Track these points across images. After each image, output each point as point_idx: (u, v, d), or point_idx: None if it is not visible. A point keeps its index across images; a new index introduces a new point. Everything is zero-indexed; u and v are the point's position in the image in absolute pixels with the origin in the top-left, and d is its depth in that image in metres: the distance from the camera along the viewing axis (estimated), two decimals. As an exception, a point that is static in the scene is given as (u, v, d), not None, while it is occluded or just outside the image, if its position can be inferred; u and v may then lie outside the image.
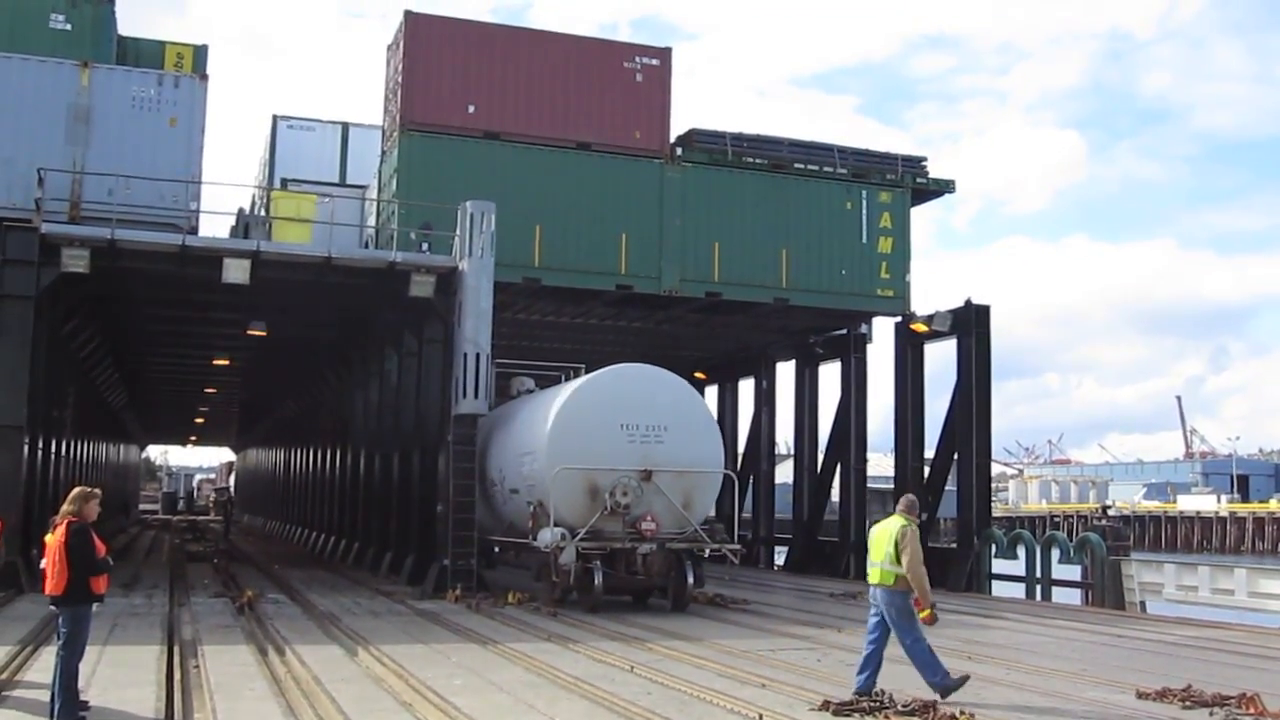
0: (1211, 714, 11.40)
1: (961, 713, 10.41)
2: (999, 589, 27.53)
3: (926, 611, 11.91)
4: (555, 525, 19.78)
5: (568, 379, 24.29)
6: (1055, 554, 26.39)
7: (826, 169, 29.75)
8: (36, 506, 23.98)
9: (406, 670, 13.12)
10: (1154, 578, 23.43)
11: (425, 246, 24.87)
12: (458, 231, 23.59)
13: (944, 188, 31.02)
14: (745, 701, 11.49)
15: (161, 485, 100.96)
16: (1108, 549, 24.90)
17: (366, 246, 27.52)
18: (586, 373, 23.52)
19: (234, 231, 24.87)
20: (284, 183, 30.17)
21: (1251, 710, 11.34)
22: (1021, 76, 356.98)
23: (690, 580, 20.26)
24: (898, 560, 11.94)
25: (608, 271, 27.60)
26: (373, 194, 29.00)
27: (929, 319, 29.20)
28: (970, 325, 28.37)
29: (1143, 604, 23.30)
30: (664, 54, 28.59)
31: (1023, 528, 37.46)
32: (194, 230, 23.07)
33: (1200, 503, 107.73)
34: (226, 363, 38.73)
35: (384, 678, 12.91)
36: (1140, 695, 12.30)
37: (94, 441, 44.52)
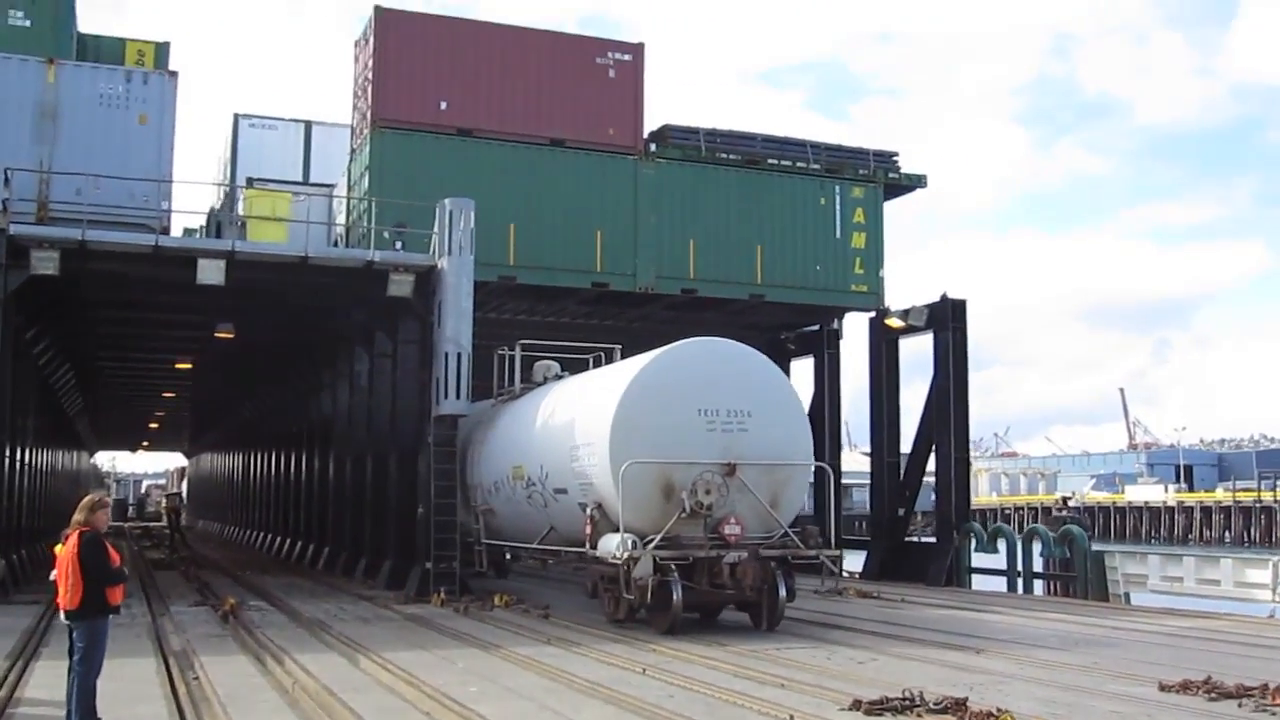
0: (1240, 704, 11.34)
1: (1000, 710, 10.24)
2: (975, 582, 27.62)
3: None
4: (620, 531, 16.85)
5: (599, 364, 22.53)
6: (1036, 547, 26.43)
7: (800, 164, 29.68)
8: (3, 517, 23.41)
9: (416, 678, 12.78)
10: (1138, 569, 23.56)
11: (399, 245, 24.51)
12: (435, 229, 23.24)
13: (916, 183, 31.06)
14: (771, 703, 11.28)
15: (110, 492, 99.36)
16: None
17: (335, 245, 27.09)
18: (623, 355, 21.95)
19: (204, 232, 24.37)
20: (249, 181, 29.58)
21: (1278, 701, 11.28)
22: (968, 72, 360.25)
23: (782, 593, 17.26)
24: None
25: (583, 269, 27.36)
26: (341, 192, 28.54)
27: (905, 314, 29.20)
28: (947, 320, 28.38)
29: (1127, 595, 23.38)
30: (636, 50, 28.37)
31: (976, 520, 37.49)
32: (166, 230, 22.63)
33: (1147, 493, 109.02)
34: (189, 366, 38.07)
35: (394, 686, 12.58)
36: (1163, 688, 12.22)
37: (51, 449, 43.62)
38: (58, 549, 9.96)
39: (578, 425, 18.72)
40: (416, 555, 23.40)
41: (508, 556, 23.47)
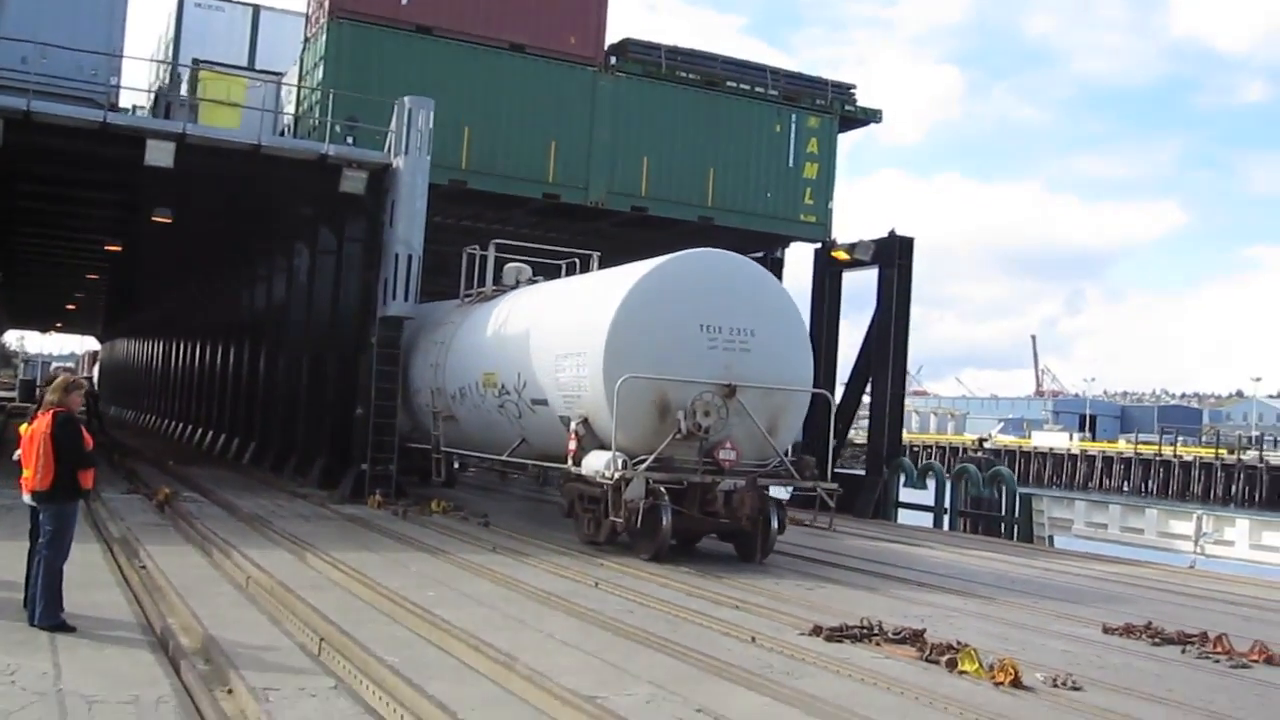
0: (1184, 650, 11.63)
1: (959, 643, 10.41)
2: (900, 516, 28.08)
3: None
4: (608, 449, 15.70)
5: (572, 271, 21.58)
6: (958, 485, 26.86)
7: (758, 89, 29.47)
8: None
9: (370, 579, 12.70)
10: (1064, 514, 24.04)
11: (350, 140, 23.97)
12: (393, 127, 22.75)
13: (871, 117, 31.01)
14: (731, 624, 11.40)
15: (17, 372, 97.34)
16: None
17: (283, 136, 26.41)
18: (602, 264, 21.09)
19: (153, 112, 23.63)
20: (195, 63, 28.68)
21: (1219, 649, 11.60)
22: (910, 8, 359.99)
23: (774, 525, 16.47)
24: None
25: (535, 179, 27.01)
26: (291, 81, 27.79)
27: (851, 247, 29.30)
28: (894, 256, 28.54)
29: (1051, 538, 23.89)
30: (603, -42, 27.83)
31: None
32: (114, 107, 21.85)
33: (1053, 440, 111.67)
34: (119, 249, 37.06)
35: (349, 586, 12.51)
36: (1106, 630, 12.50)
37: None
38: (23, 428, 9.68)
39: (566, 333, 17.41)
40: (352, 456, 23.18)
41: (456, 465, 22.97)
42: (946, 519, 26.37)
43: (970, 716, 8.27)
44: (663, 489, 15.52)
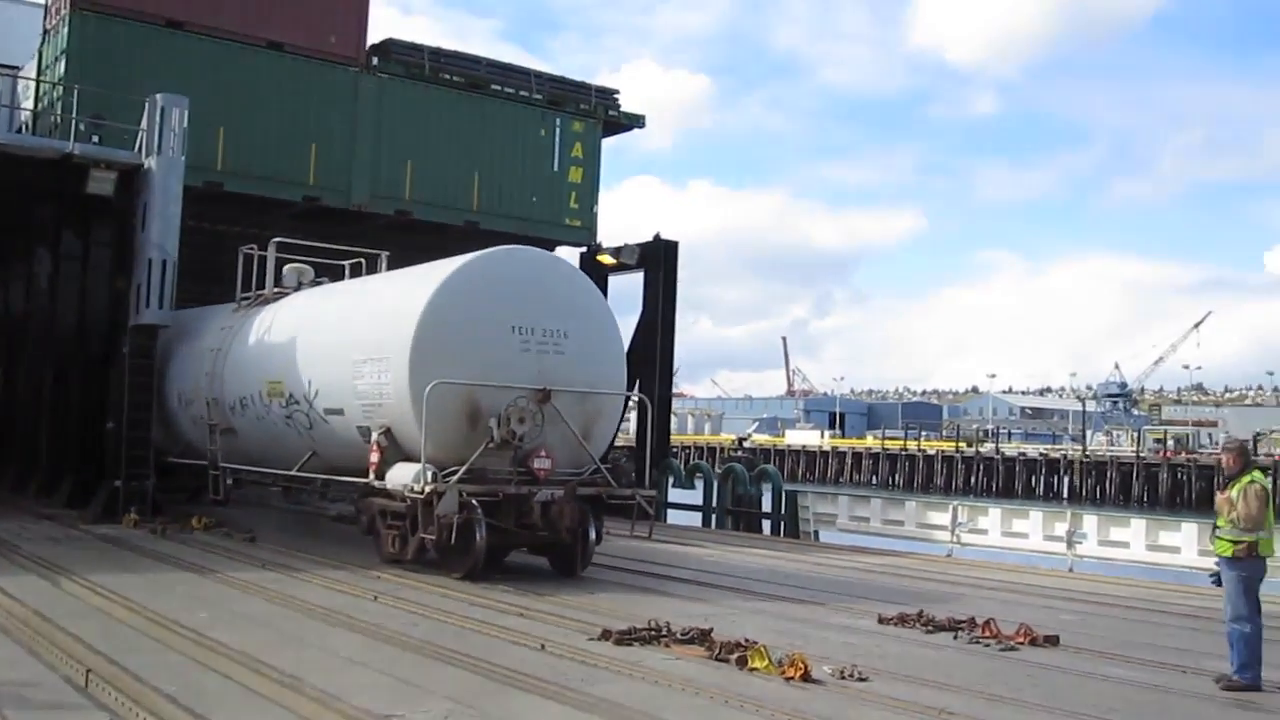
0: (955, 636, 12.12)
1: (747, 640, 10.56)
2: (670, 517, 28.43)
3: None
4: (414, 460, 14.82)
5: (359, 272, 20.59)
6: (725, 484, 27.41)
7: (523, 93, 29.39)
8: None
9: (135, 602, 12.01)
10: (828, 509, 24.78)
11: (96, 140, 22.73)
12: (144, 125, 21.65)
13: (634, 122, 31.37)
14: (518, 632, 11.29)
15: None
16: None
17: (20, 133, 24.82)
18: (390, 264, 20.17)
19: None
20: (-82, 56, 26.75)
21: (988, 634, 12.14)
22: (665, 17, 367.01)
23: (592, 536, 15.87)
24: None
25: (296, 181, 26.26)
26: (30, 75, 26.16)
27: (617, 251, 29.55)
28: (659, 259, 28.93)
29: (816, 533, 24.60)
30: (363, -45, 27.26)
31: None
32: None
33: (805, 437, 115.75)
34: None
35: (111, 611, 11.79)
36: (882, 620, 12.93)
37: None
38: None
39: (365, 337, 16.25)
40: (104, 473, 21.94)
41: (229, 482, 21.54)
42: (715, 518, 26.86)
43: (768, 713, 8.38)
44: (475, 502, 14.64)
